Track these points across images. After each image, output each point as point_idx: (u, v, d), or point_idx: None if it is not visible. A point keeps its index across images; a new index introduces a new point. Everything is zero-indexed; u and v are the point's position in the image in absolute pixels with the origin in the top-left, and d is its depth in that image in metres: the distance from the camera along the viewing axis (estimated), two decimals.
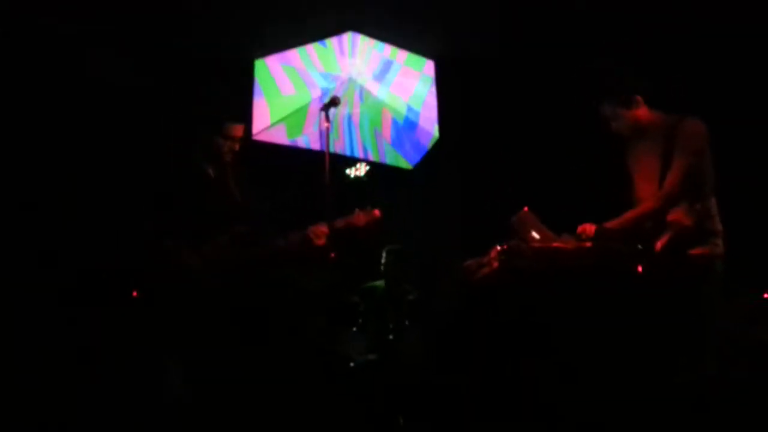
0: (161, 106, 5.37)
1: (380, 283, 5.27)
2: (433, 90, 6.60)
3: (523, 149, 6.16)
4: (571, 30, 5.61)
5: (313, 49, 6.22)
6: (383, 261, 5.27)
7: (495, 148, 6.34)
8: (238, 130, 3.58)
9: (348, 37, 6.23)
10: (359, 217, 3.56)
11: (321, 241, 3.43)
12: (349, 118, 6.33)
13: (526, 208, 3.36)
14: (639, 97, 3.47)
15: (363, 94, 6.37)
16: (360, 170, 6.46)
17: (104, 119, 5.21)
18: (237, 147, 3.59)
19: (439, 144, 6.53)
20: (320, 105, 3.72)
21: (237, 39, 5.84)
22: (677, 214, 3.25)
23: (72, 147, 5.06)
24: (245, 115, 5.85)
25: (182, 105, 5.22)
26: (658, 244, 3.19)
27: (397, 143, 6.53)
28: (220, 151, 3.56)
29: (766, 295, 4.66)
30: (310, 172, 4.28)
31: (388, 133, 6.48)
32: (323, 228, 3.44)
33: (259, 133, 6.00)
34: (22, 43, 5.00)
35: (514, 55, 6.03)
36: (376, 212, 3.56)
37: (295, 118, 6.17)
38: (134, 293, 3.39)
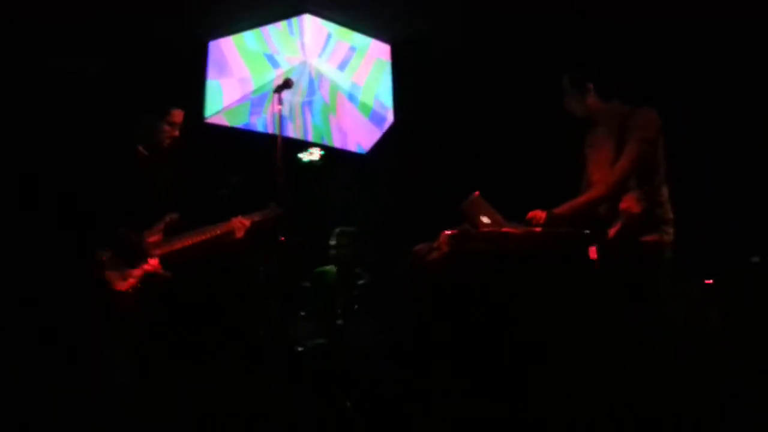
0: (107, 89, 5.27)
1: (331, 267, 5.23)
2: (389, 74, 6.57)
3: (477, 135, 6.17)
4: (527, 16, 5.63)
5: (268, 31, 6.14)
6: (333, 243, 5.22)
7: (449, 133, 6.34)
8: (177, 115, 3.55)
9: (304, 19, 6.16)
10: (267, 213, 3.63)
11: (240, 234, 3.47)
12: (304, 102, 6.27)
13: (477, 193, 3.36)
14: (590, 85, 3.49)
15: (318, 77, 6.32)
16: (314, 154, 6.41)
17: (47, 102, 5.09)
18: (176, 133, 3.56)
19: (393, 129, 6.51)
20: (273, 87, 3.69)
21: (190, 20, 5.74)
22: (628, 202, 3.29)
23: (16, 131, 4.94)
24: (198, 99, 5.78)
25: (130, 89, 5.14)
26: (611, 231, 3.23)
27: (352, 128, 6.50)
28: (159, 137, 3.52)
29: (707, 282, 4.75)
30: (263, 156, 4.24)
31: (342, 117, 6.44)
32: (245, 221, 3.48)
33: (213, 116, 5.92)
34: None
35: (470, 39, 6.03)
36: (278, 210, 3.66)
37: (249, 102, 6.10)
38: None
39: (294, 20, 6.15)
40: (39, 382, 3.68)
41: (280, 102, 3.62)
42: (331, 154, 6.43)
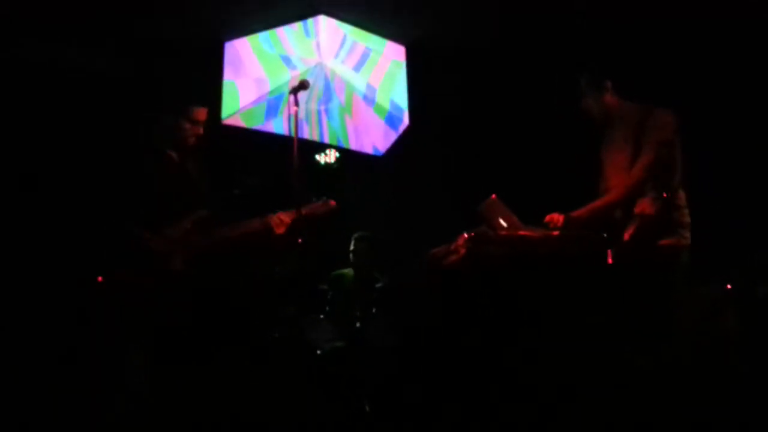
0: (126, 89, 5.30)
1: (349, 270, 5.25)
2: (405, 76, 6.56)
3: (493, 137, 6.15)
4: (541, 18, 5.61)
5: (283, 32, 6.14)
6: (353, 248, 5.25)
7: (466, 135, 6.33)
8: (201, 113, 3.55)
9: (318, 21, 6.15)
10: (318, 207, 3.60)
11: (280, 230, 3.45)
12: (319, 103, 6.27)
13: (494, 196, 3.36)
14: (608, 83, 3.49)
15: (333, 79, 6.32)
16: (330, 156, 6.41)
17: (66, 103, 5.12)
18: (200, 131, 3.56)
19: (409, 131, 6.50)
20: (289, 89, 3.69)
21: (206, 21, 5.76)
22: (643, 205, 3.27)
23: (33, 131, 4.97)
24: (214, 100, 5.80)
25: (148, 88, 5.17)
26: (626, 234, 3.22)
27: (368, 130, 6.49)
28: (183, 135, 3.53)
29: (729, 286, 4.70)
30: (279, 158, 4.25)
31: (358, 119, 6.44)
32: (285, 217, 3.47)
33: (229, 117, 5.93)
34: None
35: (485, 41, 6.01)
36: (332, 203, 3.62)
37: (266, 103, 6.11)
38: (99, 279, 3.35)
39: (309, 21, 6.15)
40: (42, 382, 3.70)
41: (296, 103, 3.62)
42: (348, 155, 6.44)
